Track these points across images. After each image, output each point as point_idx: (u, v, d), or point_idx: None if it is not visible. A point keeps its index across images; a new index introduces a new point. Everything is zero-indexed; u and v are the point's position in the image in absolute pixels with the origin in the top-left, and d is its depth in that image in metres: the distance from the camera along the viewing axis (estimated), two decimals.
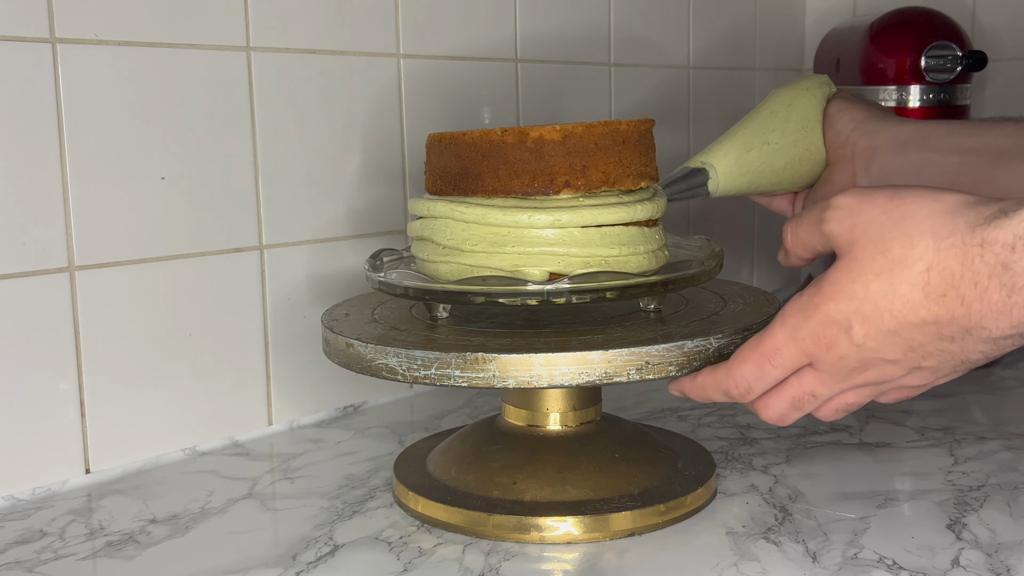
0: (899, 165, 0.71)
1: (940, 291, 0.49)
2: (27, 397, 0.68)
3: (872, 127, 0.72)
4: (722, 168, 0.74)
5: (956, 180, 0.68)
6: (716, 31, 1.22)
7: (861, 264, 0.51)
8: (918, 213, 0.50)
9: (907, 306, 0.50)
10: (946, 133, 0.70)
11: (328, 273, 0.85)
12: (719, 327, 0.61)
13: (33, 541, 0.62)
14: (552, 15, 1.00)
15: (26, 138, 0.67)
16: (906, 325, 0.50)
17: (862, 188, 0.53)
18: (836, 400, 0.56)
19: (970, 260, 0.48)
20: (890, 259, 0.50)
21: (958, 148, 0.69)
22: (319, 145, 0.83)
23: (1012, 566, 0.56)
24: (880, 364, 0.53)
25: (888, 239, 0.50)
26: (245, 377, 0.80)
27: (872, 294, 0.50)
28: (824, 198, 0.72)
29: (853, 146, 0.73)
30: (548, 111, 1.00)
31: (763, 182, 0.75)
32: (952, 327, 0.49)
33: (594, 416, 0.68)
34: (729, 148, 0.75)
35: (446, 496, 0.64)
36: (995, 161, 0.68)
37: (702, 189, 0.75)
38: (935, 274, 0.49)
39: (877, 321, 0.51)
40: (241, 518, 0.65)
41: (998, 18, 1.20)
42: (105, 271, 0.71)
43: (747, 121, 0.77)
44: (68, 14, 0.68)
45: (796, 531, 0.61)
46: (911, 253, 0.49)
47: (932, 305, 0.49)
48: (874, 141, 0.72)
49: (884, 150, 0.71)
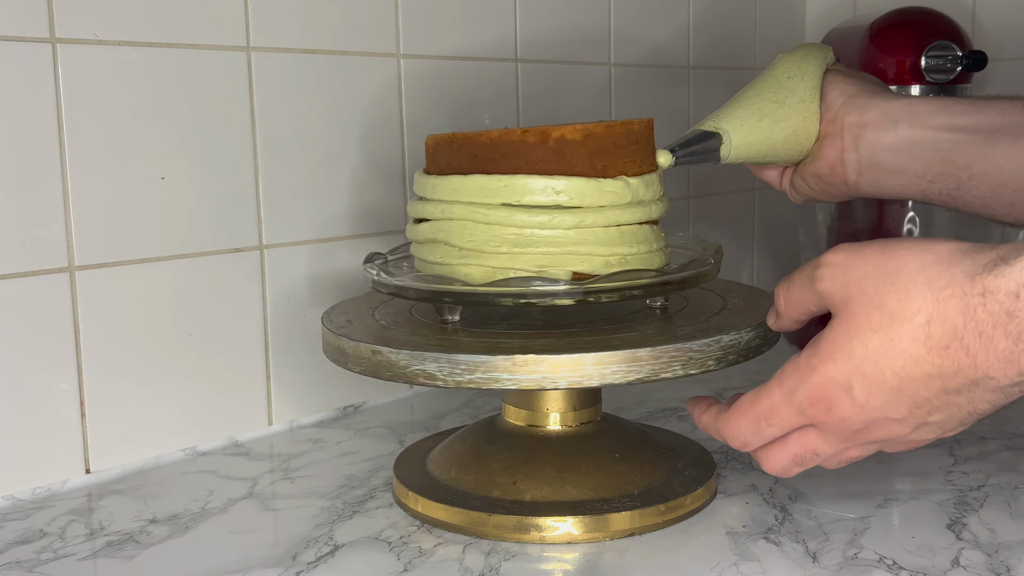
0: (889, 142, 0.69)
1: (943, 343, 0.47)
2: (27, 397, 0.68)
3: (862, 103, 0.70)
4: (736, 135, 0.71)
5: (948, 158, 0.67)
6: (716, 31, 1.22)
7: (858, 321, 0.49)
8: (911, 265, 0.48)
9: (909, 361, 0.48)
10: (939, 110, 0.68)
11: (328, 273, 0.85)
12: (740, 321, 0.62)
13: (33, 541, 0.62)
14: (552, 15, 1.00)
15: (26, 138, 0.67)
16: (909, 380, 0.49)
17: (851, 244, 0.52)
18: (841, 455, 0.55)
19: (972, 310, 0.46)
20: (887, 314, 0.48)
21: (951, 125, 0.67)
22: (319, 145, 0.83)
23: (1012, 566, 0.56)
24: (885, 423, 0.51)
25: (883, 293, 0.49)
26: (245, 377, 0.80)
27: (872, 351, 0.49)
28: (812, 174, 0.72)
29: (842, 121, 0.70)
30: (548, 111, 1.00)
31: (769, 151, 0.73)
32: (958, 379, 0.48)
33: (594, 416, 0.68)
34: (742, 114, 0.72)
35: (446, 496, 0.64)
36: (988, 139, 0.66)
37: (714, 154, 0.72)
38: (936, 326, 0.47)
39: (879, 379, 0.49)
40: (241, 518, 0.65)
41: (998, 18, 1.19)
42: (105, 271, 0.71)
43: (758, 87, 0.74)
44: (68, 14, 0.68)
45: (796, 531, 0.61)
46: (908, 306, 0.48)
47: (935, 358, 0.48)
48: (863, 117, 0.69)
49: (874, 127, 0.69)
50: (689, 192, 1.20)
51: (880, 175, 0.69)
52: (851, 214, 1.03)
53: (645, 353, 0.57)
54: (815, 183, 0.72)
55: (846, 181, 0.70)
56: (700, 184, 1.22)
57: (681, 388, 0.92)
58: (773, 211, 1.34)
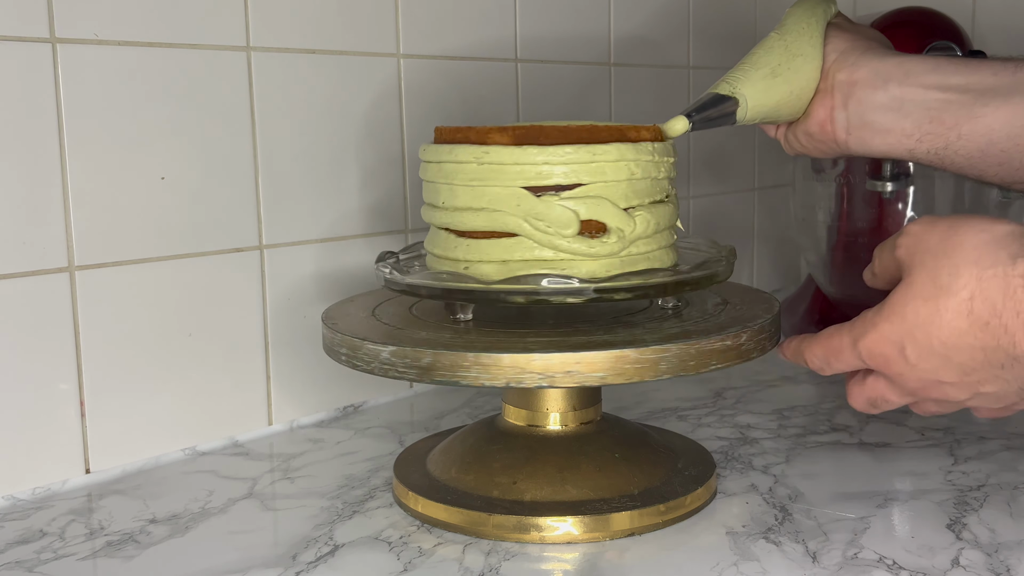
0: (880, 100, 0.68)
1: (983, 320, 0.51)
2: (27, 397, 0.68)
3: (852, 60, 0.69)
4: (752, 96, 0.70)
5: (937, 117, 0.66)
6: (716, 31, 1.22)
7: (915, 289, 0.53)
8: (968, 243, 0.52)
9: (954, 333, 0.52)
10: (931, 69, 0.68)
11: (328, 273, 0.85)
12: (740, 321, 0.63)
13: (33, 541, 0.62)
14: (552, 15, 1.00)
15: (26, 138, 0.67)
16: (955, 350, 0.53)
17: (930, 217, 0.56)
18: (918, 407, 0.59)
19: (1012, 290, 0.50)
20: (938, 286, 0.52)
21: (942, 85, 0.67)
22: (319, 145, 0.83)
23: (1012, 566, 0.56)
24: (939, 386, 0.55)
25: (939, 267, 0.52)
26: (245, 377, 0.80)
27: (922, 319, 0.53)
28: (804, 131, 0.71)
29: (833, 78, 0.69)
30: (548, 111, 1.00)
31: (781, 108, 0.71)
32: (999, 354, 0.51)
33: (594, 416, 0.68)
34: (756, 74, 0.70)
35: (446, 496, 0.64)
36: (978, 99, 0.66)
37: (730, 117, 0.71)
38: (978, 303, 0.51)
39: (927, 345, 0.53)
40: (241, 518, 0.65)
41: (998, 18, 1.19)
42: (105, 271, 0.71)
43: (768, 44, 0.72)
44: (68, 14, 0.68)
45: (796, 531, 0.61)
46: (956, 282, 0.52)
47: (977, 332, 0.51)
48: (853, 75, 0.69)
49: (864, 85, 0.68)
50: (689, 192, 1.20)
51: (868, 134, 0.69)
52: (851, 214, 1.03)
53: (645, 353, 0.57)
54: (807, 141, 0.72)
55: (835, 139, 0.70)
56: (700, 184, 1.22)
57: (681, 388, 0.92)
58: (773, 211, 1.34)
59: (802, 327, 1.07)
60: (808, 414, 0.85)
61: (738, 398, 0.89)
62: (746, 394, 0.91)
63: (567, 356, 0.56)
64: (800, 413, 0.85)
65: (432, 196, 0.66)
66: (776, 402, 0.88)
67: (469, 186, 0.62)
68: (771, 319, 0.64)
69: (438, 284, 0.63)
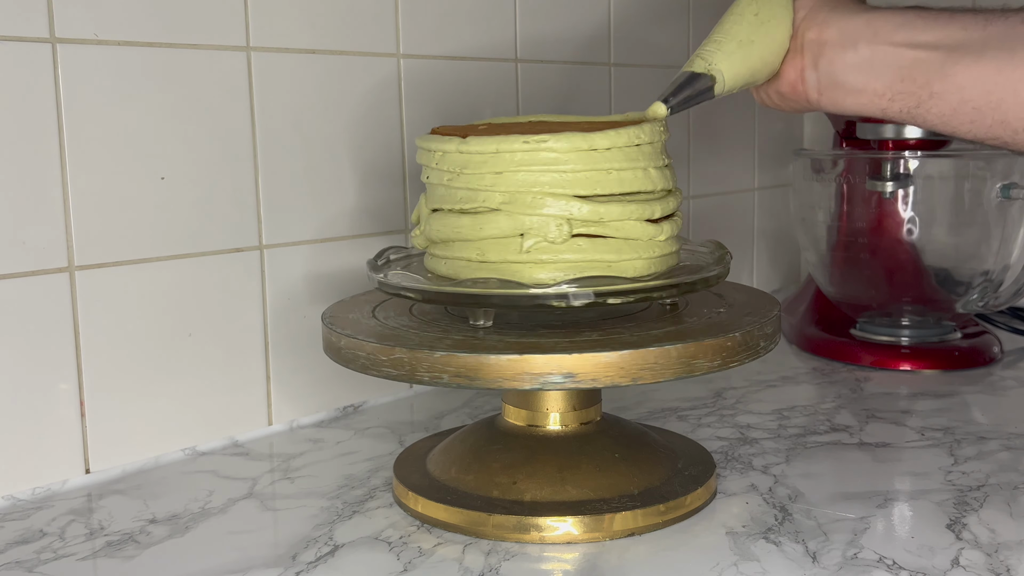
0: (849, 60, 0.67)
1: None
2: (27, 397, 0.68)
3: (822, 18, 0.69)
4: (728, 70, 0.70)
5: (908, 75, 0.66)
6: None
7: None
8: None
9: None
10: (900, 25, 0.67)
11: (328, 273, 0.85)
12: (740, 321, 0.63)
13: (33, 541, 0.62)
14: (552, 15, 1.00)
15: (26, 138, 0.67)
16: None
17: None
18: None
19: None
20: None
21: (912, 42, 0.66)
22: (319, 145, 0.83)
23: (1012, 566, 0.56)
24: None
25: None
26: (245, 377, 0.80)
27: None
28: (776, 91, 0.71)
29: (803, 37, 0.69)
30: (548, 111, 1.00)
31: (755, 75, 0.71)
32: None
33: (594, 416, 0.68)
34: (729, 46, 0.70)
35: (446, 496, 0.64)
36: (949, 56, 0.64)
37: (708, 93, 0.70)
38: None
39: None
40: (241, 518, 0.65)
41: None
42: (105, 271, 0.71)
43: (738, 11, 0.72)
44: (68, 14, 0.68)
45: (796, 531, 0.61)
46: None
47: None
48: (822, 34, 0.68)
49: (833, 45, 0.68)
50: (689, 192, 1.20)
51: (840, 94, 0.68)
52: (851, 214, 1.03)
53: (645, 354, 0.57)
54: (779, 100, 0.71)
55: (808, 99, 0.69)
56: (700, 183, 1.22)
57: (681, 388, 0.92)
58: (773, 211, 1.34)
59: (802, 327, 1.07)
60: (808, 414, 0.85)
61: (738, 398, 0.89)
62: (746, 394, 0.91)
63: (566, 357, 0.57)
64: (800, 413, 0.85)
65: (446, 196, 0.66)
66: (776, 402, 0.88)
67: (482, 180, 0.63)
68: (771, 319, 0.64)
69: (435, 288, 0.63)
